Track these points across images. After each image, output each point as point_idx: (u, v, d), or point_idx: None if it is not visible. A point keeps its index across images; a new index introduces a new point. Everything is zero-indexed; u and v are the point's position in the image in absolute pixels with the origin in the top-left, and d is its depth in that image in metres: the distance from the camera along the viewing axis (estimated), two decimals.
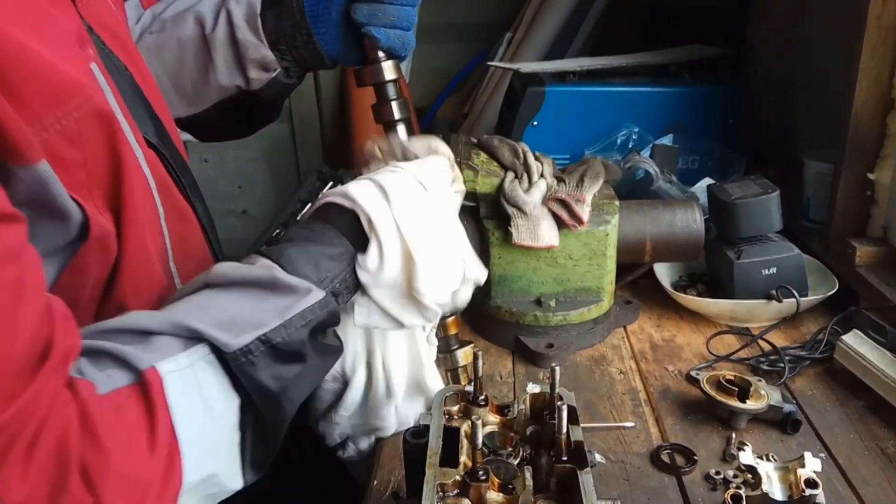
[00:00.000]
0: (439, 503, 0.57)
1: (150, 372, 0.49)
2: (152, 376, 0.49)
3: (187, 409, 0.51)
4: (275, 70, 0.83)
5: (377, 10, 0.77)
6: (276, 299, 0.57)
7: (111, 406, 0.47)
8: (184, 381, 0.51)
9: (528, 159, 1.10)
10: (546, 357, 1.07)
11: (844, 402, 0.97)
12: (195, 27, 0.82)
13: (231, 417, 0.54)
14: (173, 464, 0.49)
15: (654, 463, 0.87)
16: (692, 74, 1.63)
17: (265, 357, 0.54)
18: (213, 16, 0.81)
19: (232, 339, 0.53)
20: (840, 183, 1.20)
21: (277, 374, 0.55)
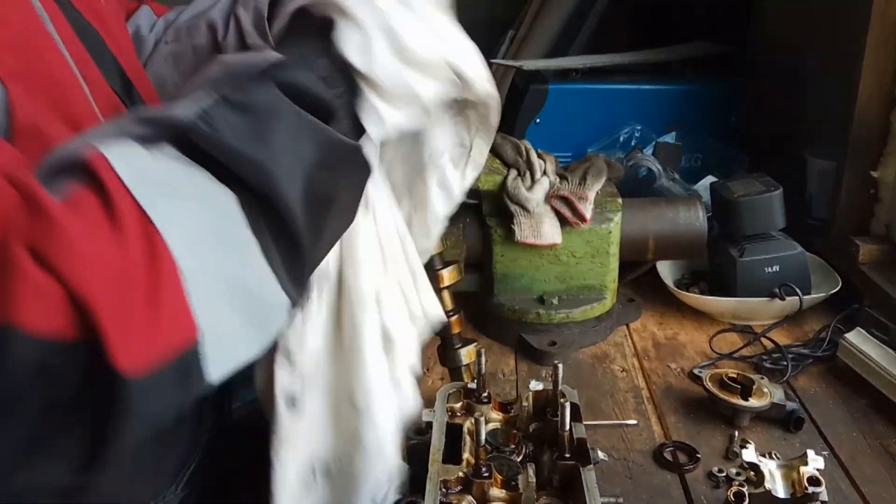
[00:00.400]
0: (442, 500, 0.57)
1: (94, 156, 0.41)
2: (97, 159, 0.41)
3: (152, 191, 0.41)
4: None
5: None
6: None
7: (62, 211, 0.38)
8: (139, 165, 0.42)
9: (530, 157, 1.10)
10: (548, 355, 1.07)
11: (847, 401, 0.97)
12: (208, 34, 0.80)
13: (228, 212, 0.43)
14: (153, 243, 0.40)
15: (657, 461, 0.87)
16: (695, 72, 1.63)
17: (228, 114, 0.44)
18: (223, 22, 0.80)
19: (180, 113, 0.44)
20: (843, 180, 1.20)
21: (254, 132, 0.44)
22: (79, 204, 0.40)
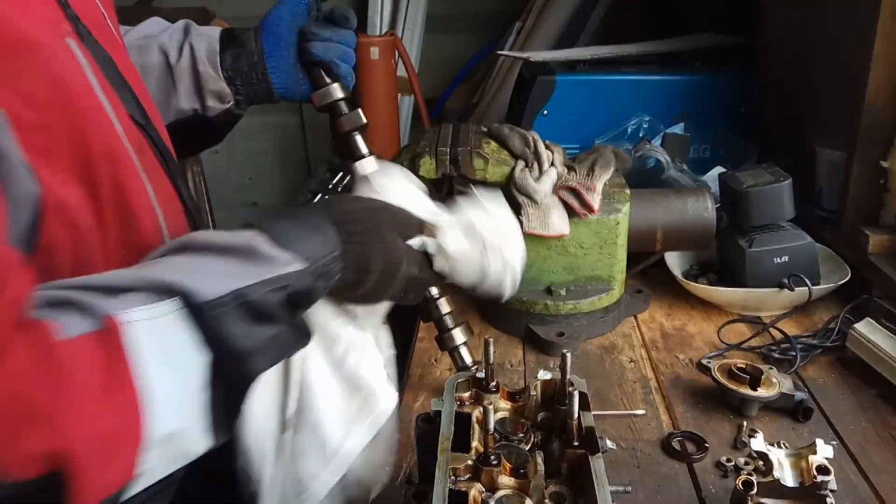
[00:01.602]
0: (452, 487, 0.57)
1: (110, 320, 0.48)
2: (113, 324, 0.48)
3: (152, 360, 0.49)
4: (229, 102, 0.93)
5: (329, 46, 0.91)
6: (254, 267, 0.56)
7: (70, 351, 0.46)
8: (150, 332, 0.50)
9: (538, 148, 1.10)
10: (556, 345, 1.08)
11: (856, 391, 0.97)
12: (160, 56, 0.91)
13: (199, 374, 0.52)
14: (133, 413, 0.48)
15: (665, 450, 0.87)
16: (704, 63, 1.62)
17: (238, 311, 0.53)
18: (177, 48, 0.91)
19: (206, 289, 0.52)
20: (853, 171, 1.19)
21: (248, 333, 0.54)
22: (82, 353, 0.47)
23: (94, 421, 0.46)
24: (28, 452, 0.43)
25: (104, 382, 0.47)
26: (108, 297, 0.50)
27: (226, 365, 0.53)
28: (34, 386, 0.44)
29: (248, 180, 2.79)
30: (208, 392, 0.53)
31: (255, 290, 0.54)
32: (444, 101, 2.46)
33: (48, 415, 0.44)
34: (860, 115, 1.15)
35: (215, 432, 0.55)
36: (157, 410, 0.49)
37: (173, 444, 0.52)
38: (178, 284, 0.52)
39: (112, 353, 0.48)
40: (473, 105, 2.27)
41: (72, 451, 0.44)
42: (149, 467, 0.50)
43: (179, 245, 0.57)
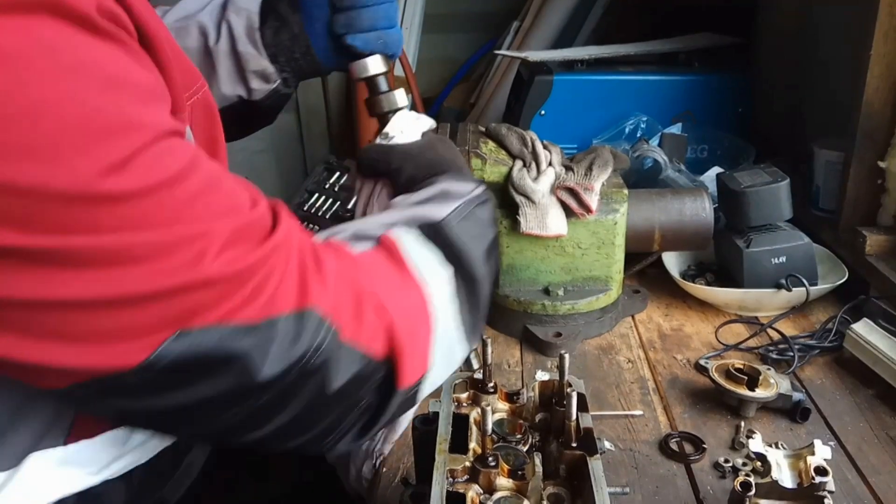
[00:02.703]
0: (449, 489, 0.57)
1: (385, 237, 0.59)
2: (388, 240, 0.59)
3: (420, 265, 0.59)
4: (275, 81, 0.86)
5: (353, 17, 0.80)
6: (454, 196, 0.67)
7: (367, 259, 0.57)
8: (411, 246, 0.60)
9: (536, 148, 1.10)
10: (554, 346, 1.07)
11: (854, 391, 0.97)
12: (199, 37, 0.84)
13: (446, 284, 0.61)
14: (423, 302, 0.58)
15: (663, 451, 0.87)
16: (701, 63, 1.62)
17: (464, 223, 0.64)
18: (215, 27, 0.84)
19: (437, 212, 0.63)
20: (850, 171, 1.19)
21: (476, 238, 0.64)
22: (376, 261, 0.58)
23: (403, 305, 0.55)
24: (371, 329, 0.52)
25: (399, 277, 0.57)
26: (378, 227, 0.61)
27: (464, 274, 0.62)
28: (354, 278, 0.53)
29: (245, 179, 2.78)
30: (457, 301, 0.62)
31: (468, 206, 0.66)
32: (441, 101, 2.45)
33: (374, 297, 0.53)
34: (858, 115, 1.15)
35: (467, 338, 0.64)
36: (433, 305, 0.58)
37: (445, 341, 0.60)
38: (418, 215, 0.63)
39: (395, 259, 0.58)
40: (471, 105, 2.26)
41: (397, 327, 0.53)
42: (433, 363, 0.58)
43: (390, 209, 0.67)
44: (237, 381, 0.46)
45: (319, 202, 2.00)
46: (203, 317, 0.44)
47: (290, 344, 0.47)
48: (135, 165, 0.41)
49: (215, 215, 0.45)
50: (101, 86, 0.40)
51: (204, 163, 0.47)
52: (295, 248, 0.50)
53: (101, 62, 0.41)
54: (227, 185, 0.48)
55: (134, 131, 0.41)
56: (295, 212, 2.00)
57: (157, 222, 0.42)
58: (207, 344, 0.44)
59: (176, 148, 0.44)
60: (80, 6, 0.40)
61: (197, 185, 0.45)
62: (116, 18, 0.43)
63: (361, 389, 0.52)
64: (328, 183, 2.03)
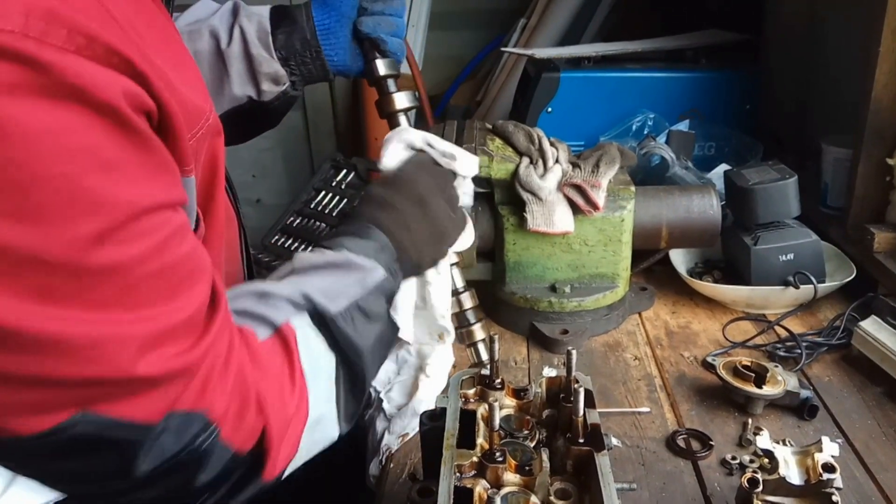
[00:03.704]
0: (456, 484, 0.57)
1: (285, 326, 0.61)
2: (287, 330, 0.60)
3: (307, 360, 0.61)
4: (285, 84, 0.91)
5: (380, 20, 0.89)
6: (352, 274, 0.68)
7: (266, 351, 0.59)
8: (304, 335, 0.62)
9: (543, 145, 1.10)
10: (561, 343, 1.08)
11: (862, 389, 0.97)
12: (210, 41, 0.88)
13: (329, 372, 0.63)
14: (304, 399, 0.60)
15: (670, 448, 0.87)
16: (709, 60, 1.62)
17: (358, 318, 0.65)
18: (227, 31, 0.89)
19: (332, 305, 0.64)
20: (859, 168, 1.18)
21: (366, 333, 0.66)
22: (272, 354, 0.59)
23: (283, 405, 0.58)
24: (248, 430, 0.55)
25: (289, 374, 0.59)
26: (263, 302, 0.62)
27: (348, 364, 0.64)
28: (251, 378, 0.55)
29: (252, 178, 2.78)
30: (337, 387, 0.64)
31: (366, 300, 0.67)
32: (448, 98, 2.45)
33: (259, 399, 0.55)
34: (866, 111, 1.15)
35: (344, 421, 0.65)
36: (312, 397, 0.61)
37: (319, 428, 0.62)
38: (313, 297, 0.63)
39: (289, 352, 0.60)
40: (477, 102, 2.26)
41: (271, 428, 0.56)
42: (301, 448, 0.60)
43: (289, 269, 0.68)
44: (116, 466, 0.49)
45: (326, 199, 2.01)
46: (107, 406, 0.47)
47: (174, 441, 0.50)
48: (104, 242, 0.44)
49: (152, 314, 0.48)
50: (95, 168, 0.44)
51: (170, 247, 0.49)
52: (211, 354, 0.52)
53: (102, 146, 0.44)
54: (180, 276, 0.50)
55: (113, 210, 0.45)
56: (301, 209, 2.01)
57: (99, 304, 0.45)
58: (103, 430, 0.47)
59: (150, 229, 0.47)
60: (107, 97, 0.44)
61: (149, 271, 0.47)
62: (139, 103, 0.47)
63: (225, 480, 0.55)
64: (335, 181, 2.04)
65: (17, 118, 0.41)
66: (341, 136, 2.67)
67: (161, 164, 0.50)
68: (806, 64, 1.56)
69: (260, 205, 2.80)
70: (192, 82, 0.61)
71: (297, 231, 1.98)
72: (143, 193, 0.47)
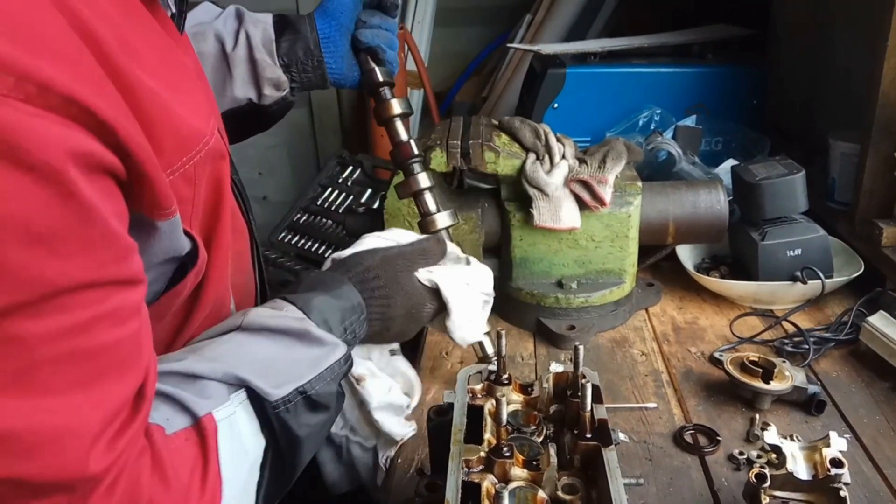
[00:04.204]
0: (464, 479, 0.58)
1: (206, 418, 0.54)
2: (208, 422, 0.54)
3: (229, 454, 0.55)
4: (285, 89, 0.94)
5: (378, 33, 0.94)
6: (306, 350, 0.62)
7: (174, 447, 0.52)
8: (230, 426, 0.56)
9: (549, 141, 1.10)
10: (567, 339, 1.08)
11: (870, 384, 0.96)
12: (215, 43, 0.91)
13: (255, 456, 0.58)
14: (220, 492, 0.54)
15: (677, 443, 0.87)
16: (715, 55, 1.61)
17: (300, 406, 0.60)
18: (232, 35, 0.92)
19: (272, 388, 0.58)
20: (866, 163, 1.18)
21: (307, 423, 0.61)
22: (183, 450, 0.52)
23: None
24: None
25: (201, 478, 0.53)
26: (191, 386, 0.56)
27: (281, 451, 0.60)
28: (146, 490, 0.48)
29: (258, 175, 2.79)
30: (262, 471, 0.59)
31: (313, 386, 0.61)
32: (453, 95, 2.45)
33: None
34: (874, 106, 1.14)
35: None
36: (227, 489, 0.55)
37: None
38: (250, 382, 0.57)
39: (206, 450, 0.54)
40: (483, 98, 2.26)
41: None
42: None
43: (236, 325, 0.63)
44: None
45: (332, 196, 2.01)
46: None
47: None
48: (10, 317, 0.40)
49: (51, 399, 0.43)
50: (23, 241, 0.40)
51: (92, 331, 0.45)
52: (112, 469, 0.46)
53: (36, 217, 0.40)
54: (96, 366, 0.45)
55: (28, 285, 0.41)
56: (308, 206, 2.01)
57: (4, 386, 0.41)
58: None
59: (69, 307, 0.43)
60: (49, 157, 0.39)
61: (59, 352, 0.43)
62: (92, 160, 0.43)
63: None
64: (341, 177, 2.04)
65: None
66: (347, 133, 2.67)
67: (105, 237, 0.45)
68: (813, 59, 1.56)
69: (266, 202, 2.81)
70: (192, 103, 0.59)
71: (304, 228, 1.99)
72: (72, 270, 0.43)
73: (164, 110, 0.52)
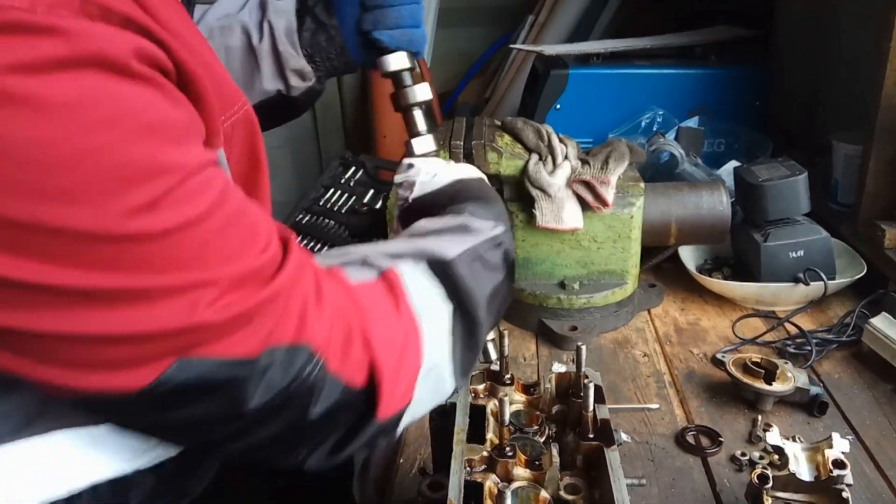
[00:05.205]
0: (467, 478, 0.58)
1: (390, 271, 0.60)
2: (392, 274, 0.60)
3: (419, 301, 0.60)
4: (311, 79, 0.92)
5: (380, 15, 0.85)
6: (473, 236, 0.67)
7: (366, 290, 0.58)
8: (415, 281, 0.60)
9: (552, 141, 1.10)
10: (570, 340, 1.08)
11: (872, 386, 0.96)
12: (242, 36, 0.90)
13: (445, 321, 0.62)
14: (415, 342, 0.58)
15: (680, 444, 0.87)
16: (718, 56, 1.61)
17: (474, 264, 0.64)
18: (257, 27, 0.90)
19: (448, 251, 0.63)
20: (869, 165, 1.18)
21: (483, 282, 0.64)
22: (374, 292, 0.58)
23: (392, 339, 0.56)
24: (355, 362, 0.54)
25: (394, 312, 0.58)
26: (386, 258, 0.61)
27: (464, 313, 0.62)
28: (348, 312, 0.54)
29: None
30: (452, 338, 0.62)
31: (482, 247, 0.65)
32: (456, 96, 2.45)
33: (364, 334, 0.54)
34: (877, 108, 1.14)
35: (460, 376, 0.63)
36: (427, 340, 0.59)
37: (433, 376, 0.60)
38: (427, 248, 0.63)
39: (394, 293, 0.58)
40: (486, 99, 2.26)
41: (380, 362, 0.54)
42: (417, 396, 0.58)
43: (406, 234, 0.68)
44: (228, 406, 0.49)
45: (335, 197, 2.01)
46: (204, 349, 0.47)
47: (282, 374, 0.50)
48: (161, 207, 0.44)
49: (227, 258, 0.48)
50: (137, 134, 0.43)
51: (228, 198, 0.49)
52: (299, 285, 0.52)
53: (138, 110, 0.43)
54: (246, 223, 0.50)
55: (164, 174, 0.44)
56: (310, 207, 2.01)
57: (171, 265, 0.45)
58: (205, 372, 0.47)
59: (204, 185, 0.47)
60: (120, 57, 0.43)
61: (216, 225, 0.47)
62: (155, 61, 0.46)
63: (340, 416, 0.55)
64: (344, 178, 2.04)
65: (42, 95, 0.39)
66: (350, 133, 2.67)
67: (195, 124, 0.49)
68: (816, 60, 1.56)
69: None
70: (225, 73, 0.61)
71: (307, 228, 1.99)
72: (187, 152, 0.46)
73: (206, 65, 0.53)
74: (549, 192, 1.06)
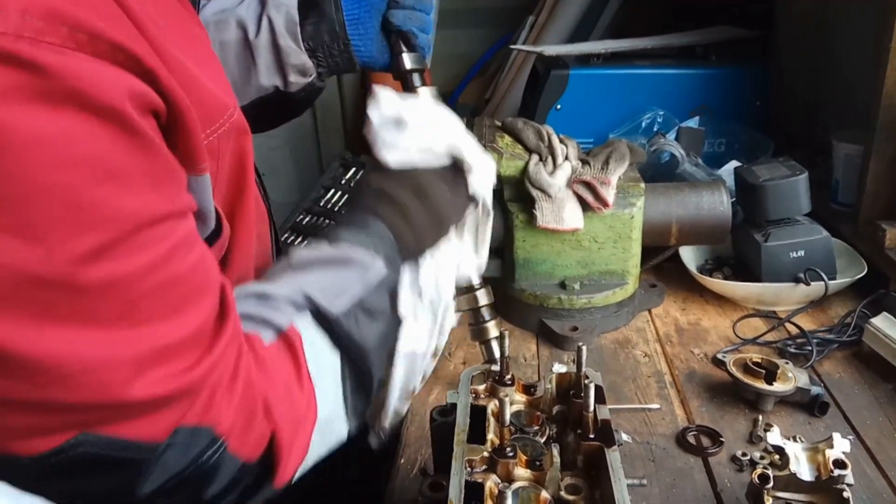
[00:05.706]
0: (468, 479, 0.58)
1: (290, 330, 0.59)
2: (293, 332, 0.59)
3: (312, 361, 0.59)
4: (311, 75, 0.90)
5: (410, 15, 0.88)
6: (353, 271, 0.65)
7: (272, 356, 0.57)
8: (310, 342, 0.60)
9: (552, 142, 1.10)
10: (570, 340, 1.08)
11: (873, 386, 0.96)
12: (238, 31, 0.88)
13: (335, 370, 0.62)
14: (312, 401, 0.58)
15: (680, 444, 0.87)
16: (719, 56, 1.61)
17: (361, 317, 0.63)
18: (255, 21, 0.88)
19: (333, 305, 0.62)
20: (870, 165, 1.18)
21: (369, 332, 0.64)
22: (277, 358, 0.57)
23: (292, 408, 0.56)
24: (256, 437, 0.53)
25: (296, 377, 0.57)
26: (264, 304, 0.60)
27: (353, 362, 0.63)
28: (258, 385, 0.54)
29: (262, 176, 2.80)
30: (343, 384, 0.62)
31: (368, 297, 0.64)
32: (456, 96, 2.45)
33: (266, 406, 0.54)
34: (878, 107, 1.14)
35: (353, 418, 0.64)
36: (320, 397, 0.59)
37: (328, 427, 0.61)
38: (314, 297, 0.61)
39: (295, 355, 0.58)
40: (486, 100, 2.26)
41: (280, 432, 0.54)
42: (312, 448, 0.59)
43: (286, 265, 0.66)
44: (119, 485, 0.48)
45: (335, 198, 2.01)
46: (109, 429, 0.46)
47: (180, 457, 0.49)
48: (104, 257, 0.43)
49: (161, 319, 0.46)
50: (97, 178, 0.42)
51: (176, 256, 0.47)
52: (221, 365, 0.50)
53: (104, 154, 0.42)
54: (188, 286, 0.49)
55: (114, 221, 0.43)
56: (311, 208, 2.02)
57: (99, 319, 0.43)
58: (105, 449, 0.46)
59: (156, 239, 0.46)
60: (110, 99, 0.42)
61: (151, 285, 0.45)
62: (147, 103, 0.45)
63: (235, 491, 0.54)
64: (344, 178, 2.04)
65: (13, 126, 0.38)
66: (350, 134, 2.67)
67: (167, 170, 0.48)
68: (817, 60, 1.56)
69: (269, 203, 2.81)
70: (213, 75, 0.60)
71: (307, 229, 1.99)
72: (147, 203, 0.45)
73: (191, 79, 0.53)
74: (550, 192, 1.06)
